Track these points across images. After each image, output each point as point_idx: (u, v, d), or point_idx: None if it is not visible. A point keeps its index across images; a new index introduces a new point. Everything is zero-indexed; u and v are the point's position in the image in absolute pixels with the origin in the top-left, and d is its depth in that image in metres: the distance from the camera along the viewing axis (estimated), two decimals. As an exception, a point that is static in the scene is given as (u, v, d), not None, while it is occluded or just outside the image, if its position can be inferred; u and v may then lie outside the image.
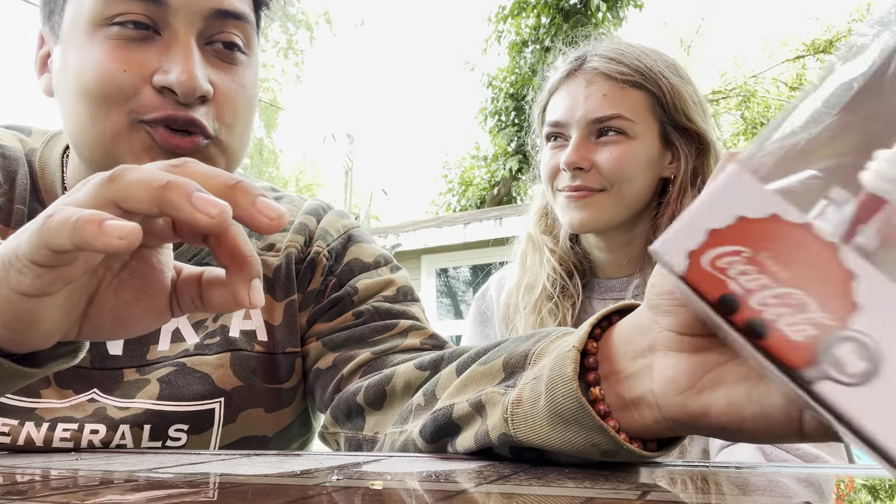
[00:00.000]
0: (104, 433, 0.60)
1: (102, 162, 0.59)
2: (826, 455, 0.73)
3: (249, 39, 0.63)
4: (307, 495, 0.29)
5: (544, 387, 0.38)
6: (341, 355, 0.67)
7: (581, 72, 0.93)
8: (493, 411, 0.42)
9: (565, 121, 0.92)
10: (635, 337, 0.37)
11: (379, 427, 0.59)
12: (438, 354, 0.58)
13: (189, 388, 0.63)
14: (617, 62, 0.90)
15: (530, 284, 1.00)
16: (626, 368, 0.37)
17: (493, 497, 0.29)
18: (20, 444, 0.59)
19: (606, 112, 0.89)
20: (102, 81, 0.56)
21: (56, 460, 0.48)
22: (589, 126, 0.90)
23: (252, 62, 0.64)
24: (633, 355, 0.37)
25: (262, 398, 0.67)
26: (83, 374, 0.63)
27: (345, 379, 0.65)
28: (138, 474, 0.38)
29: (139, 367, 0.64)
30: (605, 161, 0.89)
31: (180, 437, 0.63)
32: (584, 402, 0.36)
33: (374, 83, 31.22)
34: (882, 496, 0.32)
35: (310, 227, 0.73)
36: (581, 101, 0.90)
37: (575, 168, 0.89)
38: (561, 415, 0.37)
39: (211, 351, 0.65)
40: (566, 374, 0.37)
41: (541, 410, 0.38)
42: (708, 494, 0.31)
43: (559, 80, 0.95)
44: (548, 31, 9.20)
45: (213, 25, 0.59)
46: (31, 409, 0.60)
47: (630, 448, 0.36)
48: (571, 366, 0.37)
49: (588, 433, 0.37)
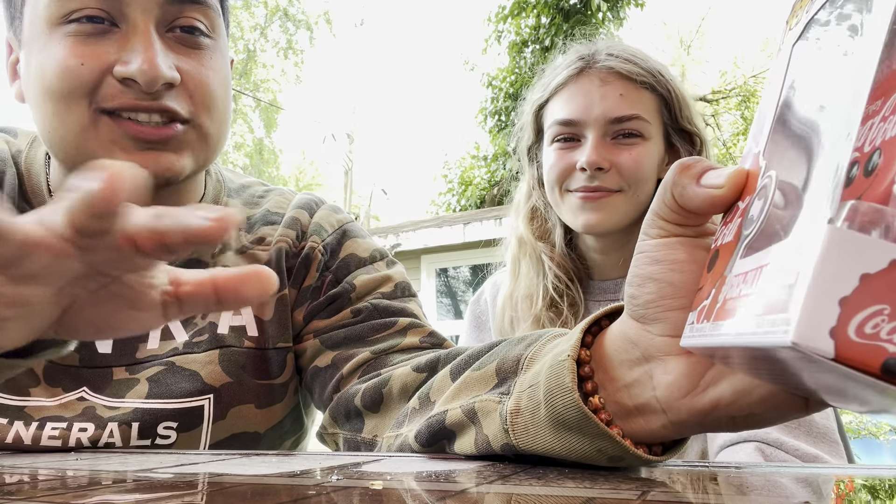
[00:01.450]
0: (92, 431, 0.60)
1: (76, 159, 0.58)
2: (825, 455, 0.73)
3: (213, 23, 0.62)
4: (307, 495, 0.29)
5: (543, 396, 0.38)
6: (340, 354, 0.66)
7: (593, 70, 0.90)
8: (488, 419, 0.42)
9: (580, 119, 0.90)
10: (628, 347, 0.36)
11: (377, 430, 0.59)
12: (435, 356, 0.58)
13: (178, 386, 0.63)
14: (632, 63, 0.89)
15: (528, 294, 0.98)
16: (624, 377, 0.37)
17: (493, 497, 0.29)
18: (8, 443, 0.59)
19: (626, 112, 0.88)
20: (63, 78, 0.56)
21: (56, 460, 0.48)
22: (607, 126, 0.88)
23: (219, 45, 0.63)
24: (630, 365, 0.36)
25: (252, 394, 0.67)
26: (72, 373, 0.63)
27: (344, 378, 0.65)
28: (137, 474, 0.38)
29: (129, 365, 0.64)
30: (626, 162, 0.87)
31: (169, 435, 0.62)
32: (588, 412, 0.36)
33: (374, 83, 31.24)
34: (882, 496, 0.32)
35: (302, 222, 0.73)
36: (597, 100, 0.88)
37: (596, 168, 0.88)
38: (564, 423, 0.37)
39: (200, 348, 0.65)
40: (565, 384, 0.36)
41: (542, 419, 0.38)
42: (707, 494, 0.31)
43: (567, 78, 0.93)
44: (548, 31, 9.20)
45: (170, 12, 0.59)
46: (20, 408, 0.60)
47: (636, 453, 0.36)
48: (569, 376, 0.36)
49: (593, 440, 0.37)
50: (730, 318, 0.26)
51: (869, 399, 0.23)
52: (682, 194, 0.33)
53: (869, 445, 5.31)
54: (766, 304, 0.23)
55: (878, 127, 0.22)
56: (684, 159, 0.34)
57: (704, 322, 0.29)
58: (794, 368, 0.24)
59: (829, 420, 0.77)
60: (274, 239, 0.70)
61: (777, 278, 0.23)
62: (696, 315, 0.31)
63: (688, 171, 0.33)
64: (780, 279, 0.23)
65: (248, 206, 0.75)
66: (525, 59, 9.57)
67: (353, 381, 0.64)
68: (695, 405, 0.34)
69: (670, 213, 0.34)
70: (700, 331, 0.29)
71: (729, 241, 0.30)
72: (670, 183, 0.34)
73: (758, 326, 0.23)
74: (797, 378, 0.25)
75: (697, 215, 0.34)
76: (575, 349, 0.37)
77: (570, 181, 0.92)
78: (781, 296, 0.22)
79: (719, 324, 0.27)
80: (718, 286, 0.29)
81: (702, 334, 0.29)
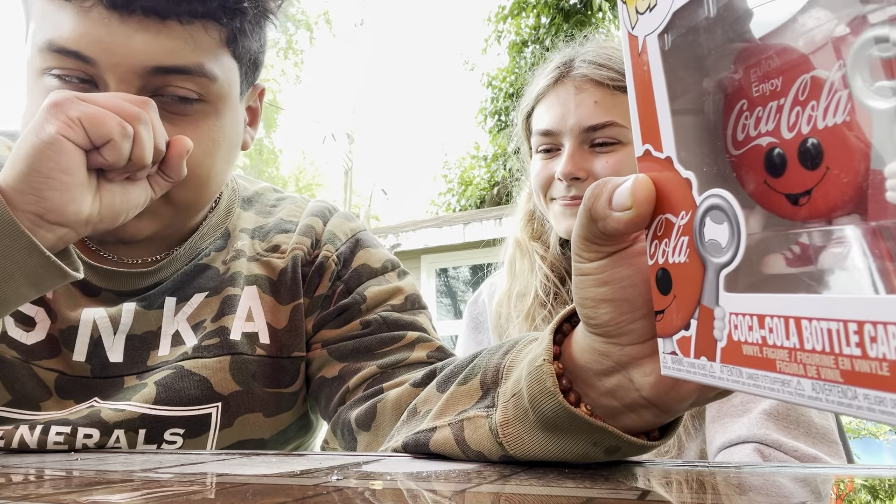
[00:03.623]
0: (98, 437, 0.60)
1: None
2: (824, 455, 0.73)
3: (206, 88, 0.57)
4: (307, 495, 0.29)
5: (528, 403, 0.38)
6: (348, 367, 0.66)
7: (569, 78, 0.91)
8: (477, 434, 0.42)
9: (556, 129, 0.91)
10: (599, 359, 0.36)
11: (370, 448, 0.59)
12: (431, 369, 0.58)
13: (186, 393, 0.62)
14: (606, 67, 0.89)
15: (521, 292, 0.99)
16: (603, 385, 0.37)
17: (493, 497, 0.29)
18: (14, 448, 0.59)
19: (600, 120, 0.88)
20: None
21: (55, 460, 0.48)
22: (582, 135, 0.89)
23: (216, 108, 0.59)
24: (605, 373, 0.36)
25: (261, 403, 0.66)
26: (84, 384, 0.62)
27: (350, 392, 0.64)
28: (137, 474, 0.38)
29: (139, 373, 0.64)
30: (603, 170, 0.88)
31: (176, 441, 0.62)
32: (576, 411, 0.36)
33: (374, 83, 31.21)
34: (882, 496, 0.32)
35: (316, 230, 0.72)
36: (572, 110, 0.89)
37: (571, 178, 0.89)
38: (554, 425, 0.37)
39: (210, 353, 0.65)
40: (546, 388, 0.37)
41: (532, 425, 0.39)
42: (706, 494, 0.31)
43: (545, 88, 0.94)
44: (548, 30, 9.20)
45: (153, 81, 0.55)
46: (30, 420, 0.60)
47: (632, 440, 0.36)
48: (551, 379, 0.37)
49: (588, 434, 0.37)
50: (770, 370, 0.24)
51: None
52: (603, 225, 0.32)
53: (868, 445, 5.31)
54: (848, 375, 0.20)
55: (795, 112, 0.22)
56: (595, 184, 0.33)
57: (703, 360, 0.27)
58: None
59: (828, 420, 0.77)
60: (289, 247, 0.70)
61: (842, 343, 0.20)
62: (678, 346, 0.29)
63: (600, 200, 0.32)
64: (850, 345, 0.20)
65: (260, 216, 0.74)
66: (525, 59, 9.57)
67: (358, 395, 0.64)
68: (682, 393, 0.35)
69: (597, 238, 0.33)
70: (701, 368, 0.28)
71: (682, 261, 0.29)
72: (588, 213, 0.33)
73: (843, 396, 0.21)
74: None
75: (624, 236, 0.33)
76: (549, 352, 0.38)
77: (552, 190, 0.93)
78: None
79: (744, 370, 0.25)
80: (704, 319, 0.27)
81: (708, 374, 0.27)
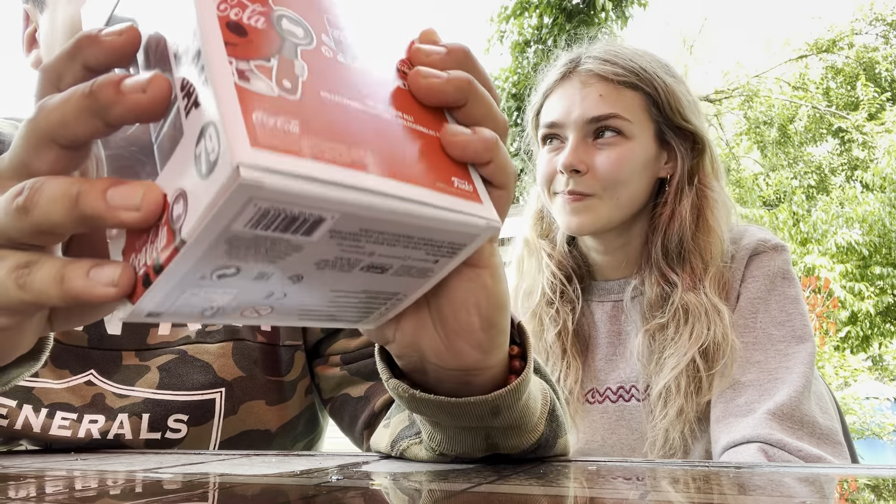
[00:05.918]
0: (103, 423, 0.60)
1: None
2: (828, 455, 0.73)
3: None
4: (307, 495, 0.29)
5: (415, 419, 0.39)
6: (374, 387, 0.65)
7: (576, 74, 0.92)
8: (417, 456, 0.43)
9: (562, 121, 0.92)
10: (399, 356, 0.36)
11: None
12: None
13: (189, 378, 0.63)
14: (612, 63, 0.90)
15: (528, 290, 0.99)
16: (429, 381, 0.36)
17: (493, 497, 0.29)
18: (17, 429, 0.58)
19: (603, 111, 0.88)
20: None
21: (55, 460, 0.48)
22: (586, 126, 0.89)
23: None
24: (413, 367, 0.36)
25: (262, 390, 0.66)
26: (80, 354, 0.62)
27: (376, 416, 0.64)
28: (138, 475, 0.38)
29: (138, 350, 0.64)
30: (602, 164, 0.88)
31: (180, 429, 0.62)
32: (429, 395, 0.35)
33: (377, 83, 31.18)
34: (886, 496, 0.32)
35: None
36: (577, 102, 0.90)
37: (572, 170, 0.89)
38: (436, 424, 0.38)
39: (213, 339, 0.65)
40: (399, 395, 0.36)
41: (439, 432, 0.39)
42: (709, 494, 0.31)
43: (553, 83, 0.95)
44: (550, 31, 9.20)
45: None
46: (28, 389, 0.60)
47: (500, 393, 0.35)
48: (400, 387, 0.36)
49: (467, 409, 0.35)
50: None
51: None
52: None
53: (872, 445, 5.30)
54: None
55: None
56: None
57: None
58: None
59: (832, 421, 0.77)
60: None
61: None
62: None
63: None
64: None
65: None
66: (528, 60, 9.58)
67: (383, 421, 0.63)
68: (426, 333, 0.33)
69: None
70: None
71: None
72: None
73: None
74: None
75: None
76: (389, 371, 0.37)
77: (555, 184, 0.93)
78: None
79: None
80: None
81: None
